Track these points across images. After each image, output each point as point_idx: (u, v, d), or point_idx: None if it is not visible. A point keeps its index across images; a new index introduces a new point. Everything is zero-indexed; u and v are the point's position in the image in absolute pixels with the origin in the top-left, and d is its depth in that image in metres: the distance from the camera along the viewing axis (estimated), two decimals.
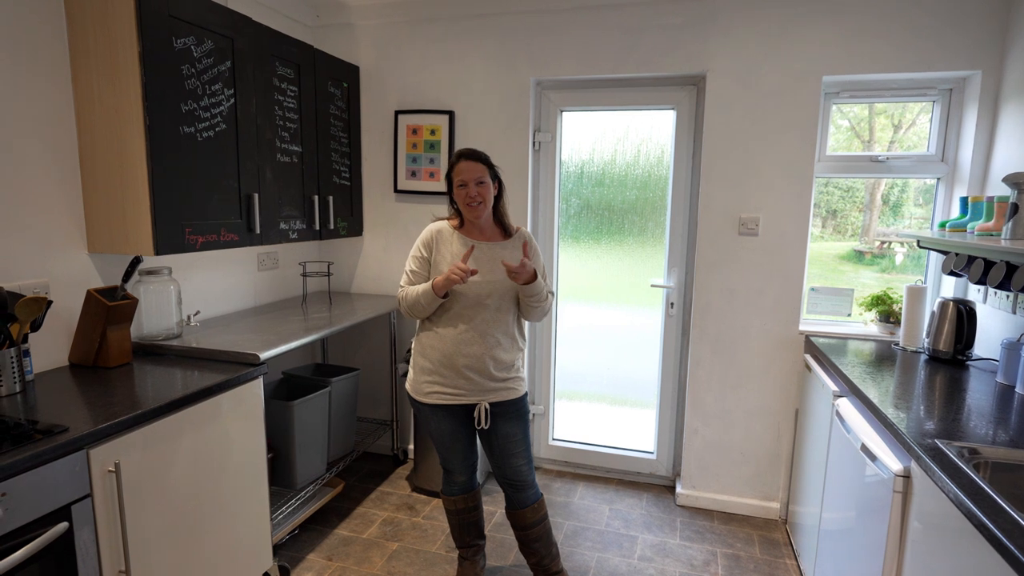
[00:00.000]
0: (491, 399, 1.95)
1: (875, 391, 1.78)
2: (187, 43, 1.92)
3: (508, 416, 1.97)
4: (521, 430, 2.00)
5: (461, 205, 1.90)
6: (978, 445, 1.39)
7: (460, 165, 1.89)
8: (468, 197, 1.87)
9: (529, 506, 2.03)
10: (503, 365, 1.94)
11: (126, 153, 1.84)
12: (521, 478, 2.01)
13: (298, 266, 3.05)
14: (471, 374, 1.91)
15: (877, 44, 2.37)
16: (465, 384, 1.92)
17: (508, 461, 1.99)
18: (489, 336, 1.90)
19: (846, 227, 2.75)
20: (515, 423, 1.99)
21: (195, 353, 2.02)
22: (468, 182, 1.87)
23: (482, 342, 1.89)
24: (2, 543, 1.21)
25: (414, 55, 2.93)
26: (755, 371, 2.68)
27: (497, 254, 1.94)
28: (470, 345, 1.89)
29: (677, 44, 2.59)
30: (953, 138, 2.45)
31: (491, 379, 1.93)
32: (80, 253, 1.95)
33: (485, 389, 1.93)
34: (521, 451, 2.00)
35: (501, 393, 1.96)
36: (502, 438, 1.98)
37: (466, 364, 1.90)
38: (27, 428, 1.37)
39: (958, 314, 2.09)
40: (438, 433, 2.02)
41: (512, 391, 1.98)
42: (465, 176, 1.87)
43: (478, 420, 1.95)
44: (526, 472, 2.01)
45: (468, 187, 1.87)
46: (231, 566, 1.88)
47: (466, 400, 1.94)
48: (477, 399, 1.94)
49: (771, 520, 2.72)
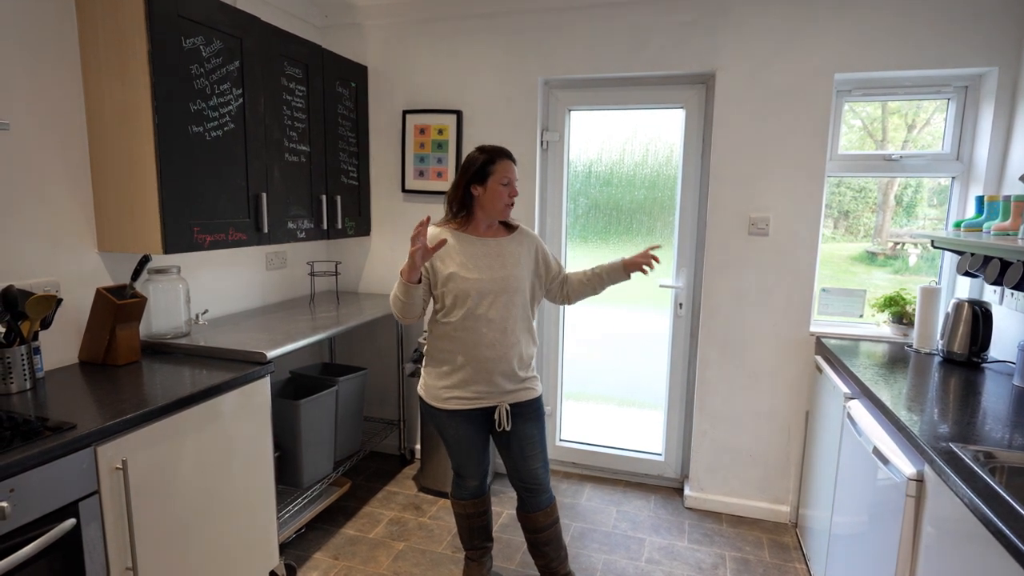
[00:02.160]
0: (511, 400, 1.90)
1: (888, 393, 1.75)
2: (196, 43, 1.93)
3: (527, 417, 1.93)
4: (539, 431, 1.96)
5: (497, 204, 1.86)
6: (994, 449, 1.36)
7: (504, 164, 1.86)
8: (509, 197, 1.87)
9: (543, 509, 2.00)
10: (525, 363, 1.91)
11: (135, 152, 1.85)
12: (538, 481, 1.97)
13: (306, 265, 3.06)
14: (495, 375, 1.86)
15: (891, 41, 2.34)
16: (486, 386, 1.87)
17: (526, 464, 1.95)
18: (511, 332, 1.86)
19: (858, 228, 2.71)
20: (533, 424, 1.94)
21: (203, 352, 2.03)
22: (513, 182, 1.87)
23: (504, 340, 1.85)
24: (11, 539, 1.21)
25: (422, 55, 2.93)
26: (765, 372, 2.65)
27: (507, 249, 1.91)
28: (492, 346, 1.84)
29: (687, 42, 2.56)
30: (968, 136, 2.41)
31: (513, 379, 1.89)
32: (90, 252, 1.96)
33: (505, 391, 1.89)
34: (538, 453, 1.96)
35: (521, 393, 1.91)
36: (521, 440, 1.93)
37: (489, 365, 1.84)
38: (37, 425, 1.38)
39: (973, 315, 2.05)
40: (455, 439, 1.97)
41: (531, 391, 1.94)
42: (512, 175, 1.87)
43: (499, 422, 1.90)
44: (543, 475, 1.98)
45: (513, 187, 1.87)
46: (238, 564, 1.88)
47: (487, 403, 1.89)
48: (497, 401, 1.89)
49: (781, 523, 2.68)
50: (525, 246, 1.96)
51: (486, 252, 1.88)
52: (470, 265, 1.84)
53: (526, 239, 1.98)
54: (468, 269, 1.84)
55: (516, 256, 1.91)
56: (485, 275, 1.84)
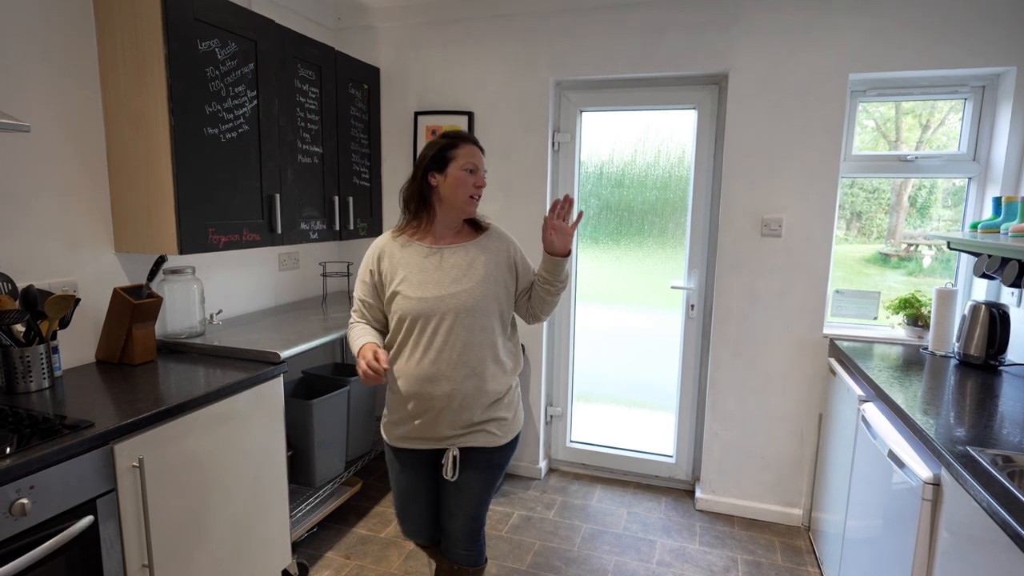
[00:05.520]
0: (462, 444, 1.58)
1: (903, 396, 1.73)
2: (211, 46, 1.95)
3: (475, 466, 1.60)
4: (484, 484, 1.62)
5: (460, 195, 1.54)
6: (1012, 453, 1.34)
7: (467, 149, 1.54)
8: (476, 187, 1.55)
9: (463, 567, 1.69)
10: (489, 397, 1.56)
11: (152, 154, 1.87)
12: (455, 537, 1.67)
13: (318, 266, 3.08)
14: (443, 415, 1.54)
15: (906, 40, 2.32)
16: (431, 429, 1.56)
17: (449, 519, 1.66)
18: (469, 362, 1.52)
19: (871, 229, 2.69)
20: (478, 475, 1.60)
21: (217, 351, 2.04)
22: (478, 168, 1.55)
23: (457, 372, 1.52)
24: (30, 535, 1.23)
25: (434, 56, 2.94)
26: (777, 375, 2.63)
27: (473, 256, 1.57)
28: (440, 379, 1.52)
29: (699, 43, 2.56)
30: (985, 136, 2.38)
31: (462, 424, 1.56)
32: (107, 252, 1.99)
33: (451, 436, 1.57)
34: (465, 509, 1.63)
35: (475, 438, 1.58)
36: (458, 488, 1.62)
37: (436, 403, 1.53)
38: (55, 423, 1.39)
39: (990, 318, 2.03)
40: (395, 482, 1.69)
41: (492, 436, 1.59)
42: (477, 161, 1.55)
43: (444, 470, 1.60)
44: (461, 533, 1.66)
45: (478, 174, 1.55)
46: (251, 562, 1.90)
47: (431, 446, 1.60)
48: (444, 444, 1.59)
49: (793, 527, 2.66)
50: (493, 252, 1.60)
51: (439, 264, 1.55)
52: (414, 280, 1.53)
53: (496, 242, 1.63)
54: (412, 285, 1.53)
55: (481, 265, 1.56)
56: (431, 292, 1.52)
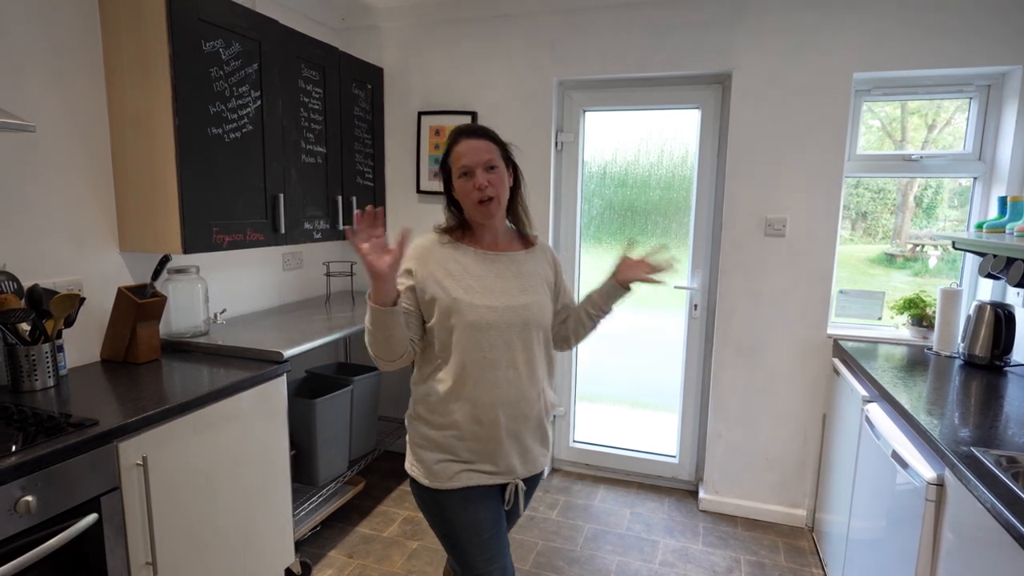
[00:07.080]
0: (527, 473, 1.44)
1: (907, 396, 1.73)
2: (216, 46, 1.96)
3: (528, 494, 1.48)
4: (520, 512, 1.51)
5: (468, 203, 1.35)
6: (1017, 454, 1.33)
7: (460, 146, 1.34)
8: (476, 189, 1.32)
9: None
10: (548, 418, 1.49)
11: (156, 154, 1.88)
12: None
13: (321, 266, 3.08)
14: (523, 434, 1.38)
15: (911, 39, 2.31)
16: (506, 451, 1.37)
17: None
18: (539, 382, 1.41)
19: (876, 229, 2.68)
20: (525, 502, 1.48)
21: (221, 350, 2.05)
22: (473, 168, 1.32)
23: (531, 391, 1.38)
24: (34, 532, 1.24)
25: (437, 56, 2.94)
26: (781, 375, 2.62)
27: (526, 267, 1.43)
28: (517, 397, 1.35)
29: (703, 42, 2.55)
30: (991, 136, 2.37)
31: (542, 441, 1.45)
32: (112, 252, 2.00)
33: (527, 457, 1.42)
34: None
35: (540, 461, 1.46)
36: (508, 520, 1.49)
37: (513, 426, 1.36)
38: (60, 421, 1.40)
39: (996, 318, 2.02)
40: (474, 526, 1.37)
41: (542, 461, 1.48)
42: (469, 160, 1.32)
43: (508, 500, 1.43)
44: None
45: (475, 175, 1.32)
46: (254, 560, 1.91)
47: (501, 479, 1.40)
48: (511, 478, 1.41)
49: (797, 527, 2.66)
50: (543, 265, 1.49)
51: (499, 271, 1.39)
52: (478, 288, 1.35)
53: (545, 256, 1.51)
54: (475, 293, 1.34)
55: (538, 277, 1.45)
56: (500, 301, 1.35)
